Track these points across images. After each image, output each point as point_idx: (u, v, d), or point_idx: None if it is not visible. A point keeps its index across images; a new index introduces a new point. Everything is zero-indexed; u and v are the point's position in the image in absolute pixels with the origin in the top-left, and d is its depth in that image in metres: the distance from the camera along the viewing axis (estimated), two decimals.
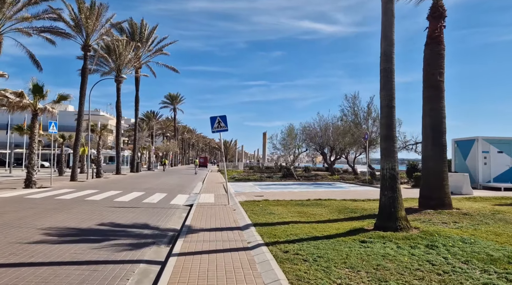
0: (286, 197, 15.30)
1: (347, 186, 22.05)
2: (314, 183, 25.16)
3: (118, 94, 33.57)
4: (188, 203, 14.00)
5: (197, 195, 16.96)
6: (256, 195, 16.13)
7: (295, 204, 12.73)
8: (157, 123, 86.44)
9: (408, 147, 22.99)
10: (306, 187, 21.70)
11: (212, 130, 13.54)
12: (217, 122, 13.50)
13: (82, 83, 23.16)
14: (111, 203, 13.02)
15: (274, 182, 26.30)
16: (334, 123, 32.74)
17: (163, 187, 20.79)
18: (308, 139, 35.19)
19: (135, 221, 9.63)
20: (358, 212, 10.69)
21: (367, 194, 16.73)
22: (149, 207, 12.37)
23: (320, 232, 7.58)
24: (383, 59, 7.67)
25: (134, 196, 15.69)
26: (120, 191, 17.62)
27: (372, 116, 25.14)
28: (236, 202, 13.56)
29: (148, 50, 39.35)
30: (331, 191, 18.28)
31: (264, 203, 13.12)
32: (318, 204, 12.64)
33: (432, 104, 10.30)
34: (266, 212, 10.84)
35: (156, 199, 14.79)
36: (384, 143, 7.59)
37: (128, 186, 21.06)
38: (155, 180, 27.12)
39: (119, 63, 32.69)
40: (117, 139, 33.86)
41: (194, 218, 10.07)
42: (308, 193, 17.08)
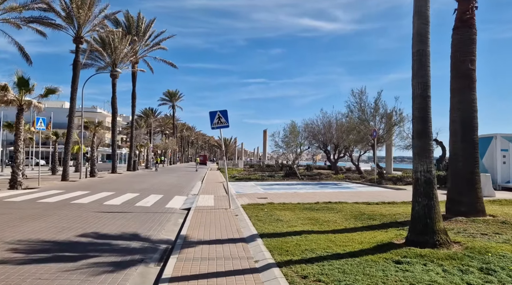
0: (292, 199, 14.07)
1: (355, 186, 20.82)
2: (318, 183, 23.93)
3: (113, 89, 32.31)
4: (186, 206, 12.77)
5: (196, 196, 15.73)
6: (259, 197, 14.90)
7: (303, 208, 11.49)
8: (155, 121, 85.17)
9: None
10: (311, 187, 20.47)
11: (212, 127, 12.28)
12: (217, 118, 12.24)
13: (74, 77, 21.86)
14: (99, 207, 11.76)
15: (277, 182, 25.07)
16: (339, 120, 31.50)
17: (160, 188, 19.55)
18: (310, 137, 33.95)
19: (124, 229, 8.38)
20: (377, 218, 9.44)
21: (379, 195, 15.49)
22: (141, 212, 11.12)
23: (341, 247, 6.34)
24: (416, 40, 6.41)
25: (127, 198, 14.45)
26: (113, 192, 16.37)
27: (379, 112, 23.88)
28: (238, 205, 12.33)
29: (146, 45, 38.04)
30: (339, 192, 17.05)
31: (269, 206, 11.89)
32: (329, 208, 11.40)
33: (462, 96, 9.04)
34: (273, 218, 9.60)
35: (150, 202, 13.55)
36: (418, 140, 6.34)
37: (123, 186, 19.81)
38: (152, 180, 25.88)
39: (114, 57, 31.35)
40: (113, 137, 32.58)
41: (191, 225, 8.83)
42: (314, 195, 15.85)
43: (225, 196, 15.44)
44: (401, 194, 15.94)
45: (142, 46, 37.81)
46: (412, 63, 6.49)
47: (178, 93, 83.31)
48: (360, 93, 24.09)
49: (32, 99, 16.81)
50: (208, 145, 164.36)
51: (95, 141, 27.52)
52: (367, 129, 24.08)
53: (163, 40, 37.75)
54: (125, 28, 35.59)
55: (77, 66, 22.04)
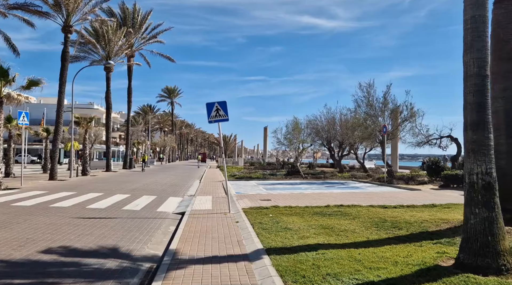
0: (299, 201, 12.65)
1: (364, 186, 19.40)
2: (323, 182, 22.52)
3: (107, 83, 30.78)
4: (180, 210, 11.35)
5: (192, 198, 14.33)
6: (262, 199, 13.48)
7: (313, 212, 10.08)
8: (154, 118, 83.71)
9: (431, 142, 20.32)
10: (317, 187, 19.05)
11: (209, 120, 10.83)
12: (215, 110, 10.79)
13: (62, 69, 20.38)
14: (81, 212, 10.33)
15: (279, 181, 23.66)
16: (344, 114, 30.03)
17: (154, 187, 18.13)
18: (313, 134, 32.47)
19: (102, 242, 6.96)
20: (402, 227, 8.01)
21: (393, 197, 14.07)
22: (128, 217, 9.70)
23: (372, 271, 4.91)
24: (470, 3, 4.96)
25: (115, 200, 13.02)
26: (101, 193, 14.95)
27: (388, 107, 22.42)
28: (239, 209, 10.92)
29: (142, 38, 36.51)
30: (349, 193, 15.63)
31: (274, 210, 10.47)
32: (342, 213, 9.98)
33: (507, 82, 7.61)
34: (280, 226, 8.19)
35: (141, 204, 12.13)
36: (472, 134, 4.90)
37: (114, 186, 18.39)
38: (147, 179, 24.46)
39: (108, 50, 29.83)
40: (107, 133, 31.10)
41: (184, 236, 7.41)
42: (322, 196, 14.44)
43: (224, 198, 14.04)
44: (418, 196, 14.52)
45: (138, 39, 36.31)
46: (464, 34, 5.05)
47: (177, 90, 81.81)
48: (368, 86, 22.65)
49: (13, 91, 15.34)
50: (207, 142, 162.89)
51: (87, 138, 26.03)
52: (375, 125, 22.65)
53: (160, 33, 36.27)
54: (121, 20, 34.08)
55: (66, 57, 20.56)
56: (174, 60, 38.65)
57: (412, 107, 21.13)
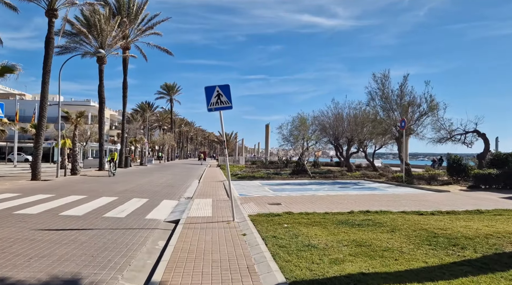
0: (315, 206, 10.72)
1: (381, 187, 17.45)
2: (334, 182, 20.57)
3: (100, 76, 28.75)
4: (174, 217, 9.43)
5: (189, 201, 12.41)
6: (271, 202, 11.55)
7: (337, 221, 8.15)
8: (153, 115, 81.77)
9: (455, 137, 18.36)
10: (328, 187, 17.10)
11: (208, 108, 8.88)
12: (215, 96, 8.84)
13: (46, 57, 18.39)
14: (49, 221, 8.39)
15: (285, 181, 21.71)
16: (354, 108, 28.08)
17: (147, 188, 16.20)
18: (318, 131, 30.48)
19: (58, 269, 5.02)
20: (465, 245, 6.06)
21: (423, 200, 12.13)
22: (108, 228, 7.76)
23: None
24: None
25: (98, 204, 11.08)
26: (85, 195, 13.00)
27: (405, 100, 20.43)
28: (245, 216, 9.00)
29: (138, 29, 34.49)
30: (368, 195, 13.70)
31: (288, 218, 8.55)
32: (374, 222, 8.04)
33: None
34: (300, 242, 6.28)
35: (128, 210, 10.20)
36: None
37: (103, 187, 16.45)
38: (141, 178, 22.52)
39: (101, 40, 27.82)
40: (100, 130, 29.10)
41: (174, 258, 5.50)
42: (339, 199, 12.50)
43: (226, 201, 12.12)
44: (451, 199, 12.57)
45: (134, 30, 34.32)
46: None
47: (176, 87, 79.81)
48: (383, 77, 20.67)
49: None
50: (207, 141, 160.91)
51: (77, 134, 24.02)
52: (391, 119, 20.70)
53: (157, 24, 34.21)
54: (115, 9, 32.06)
55: (50, 44, 18.57)
56: (172, 53, 36.61)
57: (433, 99, 19.16)
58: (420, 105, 19.52)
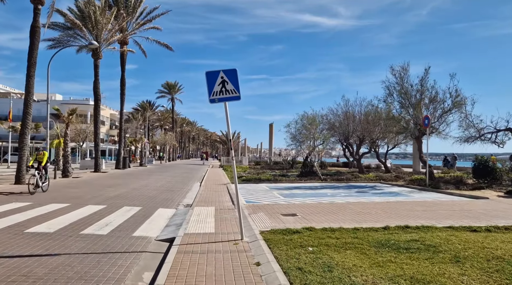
0: (338, 217, 8.94)
1: (404, 192, 15.63)
2: (348, 185, 18.76)
3: (95, 72, 26.98)
4: (167, 233, 7.67)
5: (189, 209, 10.65)
6: (284, 213, 9.77)
7: (374, 242, 6.37)
8: (154, 115, 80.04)
9: (484, 136, 16.52)
10: (345, 193, 15.30)
11: (211, 98, 7.10)
12: (219, 83, 7.05)
13: (31, 47, 16.66)
14: (8, 241, 6.63)
15: (294, 184, 19.92)
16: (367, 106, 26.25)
17: (142, 193, 14.45)
18: (327, 129, 28.64)
19: None
20: None
21: (465, 209, 10.30)
22: (79, 253, 6.00)
23: None
24: None
25: (79, 215, 9.32)
26: (68, 203, 11.24)
27: (426, 95, 18.59)
28: (256, 232, 7.23)
29: (137, 23, 32.72)
30: (395, 203, 11.89)
31: (310, 237, 6.77)
32: (424, 244, 6.25)
33: None
34: (337, 279, 4.50)
35: (113, 223, 8.44)
36: None
37: (92, 192, 14.70)
38: (138, 181, 20.77)
39: (96, 33, 26.07)
40: (95, 129, 27.32)
41: None
42: (364, 207, 10.70)
43: (231, 209, 10.36)
44: (495, 207, 10.73)
45: (133, 25, 32.54)
46: None
47: (177, 85, 78.10)
48: (402, 70, 18.83)
49: None
50: (210, 141, 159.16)
51: (69, 133, 22.26)
52: (411, 117, 18.87)
53: (157, 17, 32.41)
54: (112, 0, 30.31)
55: (35, 33, 16.84)
56: (172, 49, 34.82)
57: (458, 94, 17.30)
58: (444, 101, 17.67)
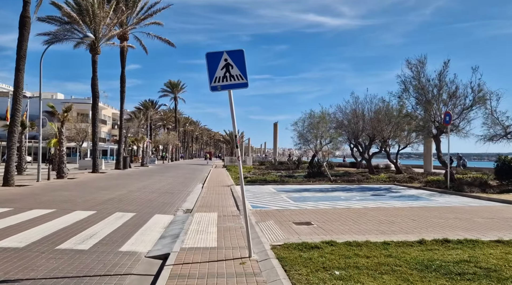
0: (360, 226, 7.69)
1: (424, 195, 14.34)
2: (361, 187, 17.49)
3: (93, 68, 25.83)
4: (161, 247, 6.46)
5: (188, 216, 9.45)
6: (297, 221, 8.54)
7: (414, 262, 5.12)
8: (156, 114, 78.98)
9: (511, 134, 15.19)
10: (359, 196, 14.04)
11: (212, 85, 5.86)
12: (223, 67, 5.82)
13: (20, 39, 15.49)
14: None
15: (302, 185, 18.67)
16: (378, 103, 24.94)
17: (139, 196, 13.26)
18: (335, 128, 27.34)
19: None
20: None
21: (498, 215, 9.01)
22: (47, 277, 4.79)
23: None
24: None
25: (62, 224, 8.13)
26: (53, 209, 10.06)
27: (444, 90, 17.26)
28: (266, 248, 6.01)
29: (137, 18, 31.58)
30: (419, 209, 10.62)
31: (334, 255, 5.52)
32: (480, 267, 4.99)
33: None
34: None
35: (99, 234, 7.24)
36: None
37: (83, 195, 13.52)
38: (137, 182, 19.60)
39: (94, 27, 24.93)
40: (94, 127, 26.16)
41: None
42: (385, 214, 9.45)
43: (236, 216, 9.14)
44: None
45: (133, 19, 31.39)
46: None
47: (180, 84, 77.01)
48: (420, 64, 17.52)
49: None
50: (213, 141, 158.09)
51: (64, 132, 21.09)
52: (429, 114, 17.56)
53: (158, 12, 31.22)
54: None
55: (25, 25, 15.67)
56: (174, 45, 33.61)
57: (481, 89, 15.97)
58: (466, 96, 16.34)
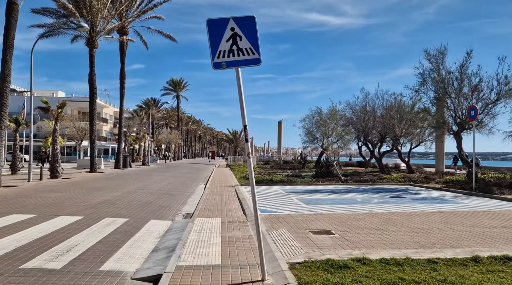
0: (391, 236, 6.43)
1: (448, 197, 13.05)
2: (376, 189, 16.21)
3: (91, 62, 24.63)
4: (152, 266, 5.22)
5: (188, 222, 8.24)
6: (314, 229, 7.30)
7: None
8: (158, 112, 77.91)
9: None
10: (377, 198, 12.77)
11: (215, 62, 4.59)
12: (228, 38, 4.56)
13: (7, 27, 14.22)
14: None
15: (312, 186, 17.39)
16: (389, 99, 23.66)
17: (136, 198, 12.04)
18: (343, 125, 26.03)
19: None
20: None
21: None
22: None
23: None
24: None
25: (39, 233, 6.92)
26: (33, 214, 8.85)
27: (465, 84, 15.94)
28: (282, 266, 4.77)
29: (138, 11, 30.40)
30: (450, 214, 9.35)
31: (371, 280, 4.25)
32: None
33: None
34: None
35: (80, 246, 6.02)
36: None
37: (74, 197, 12.31)
38: (135, 182, 18.40)
39: (91, 19, 23.76)
40: (91, 125, 24.97)
41: None
42: (414, 220, 8.19)
43: (242, 222, 7.94)
44: None
45: (133, 12, 30.20)
46: None
47: (183, 82, 75.79)
48: (439, 54, 16.20)
49: None
50: (216, 140, 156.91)
51: (58, 129, 19.93)
52: (449, 109, 16.26)
53: (159, 5, 30.00)
54: None
55: (12, 11, 14.45)
56: (175, 40, 32.46)
57: (508, 81, 14.66)
58: (491, 89, 15.02)
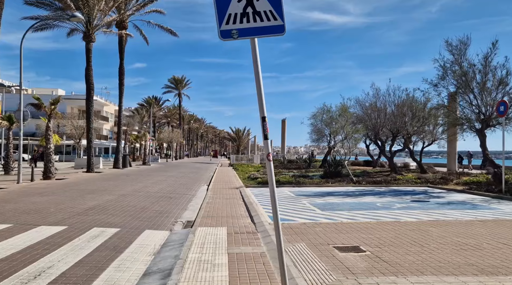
0: (438, 257, 5.19)
1: (476, 201, 11.81)
2: (393, 191, 14.95)
3: (87, 57, 23.46)
4: None
5: (188, 232, 7.05)
6: (339, 244, 6.08)
7: None
8: (160, 111, 76.81)
9: None
10: (398, 202, 11.53)
11: (222, 30, 3.37)
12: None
13: None
14: None
15: (323, 188, 16.15)
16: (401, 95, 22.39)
17: (130, 203, 10.84)
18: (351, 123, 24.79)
19: None
20: None
21: None
22: None
23: None
24: None
25: (7, 250, 5.73)
26: (8, 224, 7.67)
27: (489, 78, 14.70)
28: None
29: (137, 5, 29.21)
30: (494, 222, 8.10)
31: None
32: None
33: None
34: None
35: (53, 269, 4.83)
36: None
37: (62, 201, 11.13)
38: (133, 184, 17.22)
39: (87, 11, 22.57)
40: (88, 122, 23.82)
41: None
42: (452, 230, 6.96)
43: (252, 234, 6.72)
44: None
45: (132, 5, 29.00)
46: None
47: (185, 80, 74.67)
48: (461, 44, 14.93)
49: None
50: (218, 139, 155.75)
51: (51, 127, 18.75)
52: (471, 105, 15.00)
53: None
54: None
55: None
56: (176, 34, 31.28)
57: None
58: None
